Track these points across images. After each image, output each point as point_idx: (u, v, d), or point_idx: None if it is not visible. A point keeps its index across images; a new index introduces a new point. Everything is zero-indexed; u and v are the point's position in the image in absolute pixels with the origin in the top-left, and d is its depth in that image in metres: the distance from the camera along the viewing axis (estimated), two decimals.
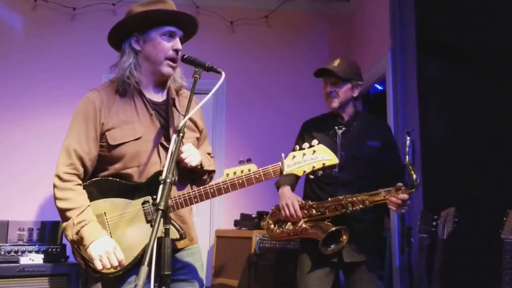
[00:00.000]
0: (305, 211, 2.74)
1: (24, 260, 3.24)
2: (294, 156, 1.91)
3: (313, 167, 1.90)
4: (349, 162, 2.77)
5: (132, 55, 2.04)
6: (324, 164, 1.90)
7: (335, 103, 2.83)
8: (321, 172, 1.93)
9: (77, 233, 1.89)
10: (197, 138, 2.20)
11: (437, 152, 3.41)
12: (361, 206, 2.62)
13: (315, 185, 2.86)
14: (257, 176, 1.90)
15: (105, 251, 1.85)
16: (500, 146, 3.09)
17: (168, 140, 2.00)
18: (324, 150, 1.92)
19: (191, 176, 2.13)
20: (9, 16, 4.57)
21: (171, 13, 2.04)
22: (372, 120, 3.02)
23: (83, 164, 1.99)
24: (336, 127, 2.86)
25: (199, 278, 2.10)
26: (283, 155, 1.92)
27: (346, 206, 2.64)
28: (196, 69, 1.93)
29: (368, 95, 5.11)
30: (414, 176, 2.51)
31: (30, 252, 3.32)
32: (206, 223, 4.50)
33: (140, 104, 2.04)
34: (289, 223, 2.78)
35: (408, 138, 2.59)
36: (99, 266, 1.85)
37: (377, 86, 4.92)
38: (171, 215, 1.96)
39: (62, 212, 1.94)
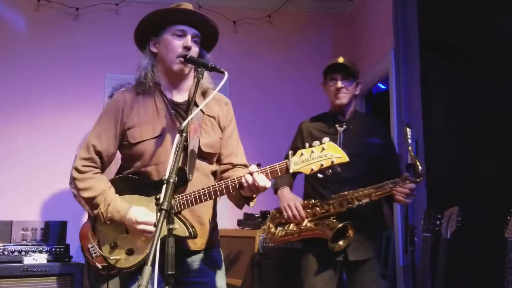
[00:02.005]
0: (308, 210, 2.73)
1: (28, 260, 3.25)
2: (302, 154, 1.84)
3: (321, 165, 1.81)
4: (352, 159, 2.75)
5: (149, 57, 2.10)
6: (333, 162, 1.81)
7: (345, 99, 2.83)
8: (330, 171, 1.84)
9: (109, 220, 1.97)
10: (220, 139, 2.17)
11: (441, 151, 3.41)
12: (367, 200, 2.62)
13: (317, 183, 2.83)
14: (264, 174, 1.88)
15: (138, 220, 1.92)
16: (504, 145, 3.08)
17: (187, 139, 2.00)
18: (333, 147, 1.83)
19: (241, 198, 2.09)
20: (12, 16, 4.58)
21: (178, 12, 2.06)
22: (371, 119, 3.06)
23: (101, 160, 2.07)
24: (337, 125, 2.86)
25: (217, 283, 2.07)
26: (290, 152, 1.85)
27: (352, 201, 2.64)
28: (199, 69, 1.94)
29: (371, 94, 5.10)
30: (420, 167, 2.54)
31: (33, 252, 3.32)
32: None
33: (161, 104, 2.07)
34: (292, 224, 2.75)
35: (409, 130, 2.62)
36: (144, 227, 1.91)
37: (380, 85, 4.91)
38: (187, 213, 1.97)
39: (90, 201, 2.01)
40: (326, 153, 1.82)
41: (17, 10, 4.61)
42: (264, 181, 1.85)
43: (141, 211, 1.93)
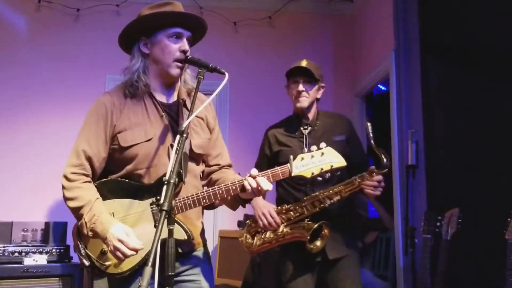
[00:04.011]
0: (283, 216, 2.76)
1: (28, 261, 3.24)
2: (302, 158, 1.93)
3: (321, 169, 1.92)
4: None
5: (141, 59, 2.07)
6: (332, 166, 1.92)
7: (306, 102, 2.88)
8: (329, 174, 1.96)
9: (91, 231, 1.92)
10: (209, 139, 2.19)
11: (441, 152, 3.41)
12: (338, 197, 2.67)
13: (290, 187, 2.87)
14: (265, 177, 1.91)
15: (118, 237, 1.86)
16: (504, 147, 3.08)
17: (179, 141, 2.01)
18: (332, 152, 1.94)
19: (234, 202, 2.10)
20: (13, 17, 4.59)
21: (175, 15, 2.05)
22: (333, 116, 3.06)
23: (92, 165, 2.02)
24: (301, 128, 2.90)
25: (207, 280, 2.08)
26: (291, 157, 1.93)
27: (324, 200, 2.67)
28: (200, 70, 1.94)
29: (371, 96, 5.10)
30: (385, 159, 2.58)
31: (34, 253, 3.32)
32: (210, 223, 4.51)
33: (151, 106, 2.07)
34: (268, 232, 2.77)
35: (369, 124, 2.69)
36: (128, 252, 1.85)
37: (381, 86, 4.92)
38: (180, 217, 1.97)
39: (75, 211, 1.98)
40: (326, 158, 1.93)
41: (17, 10, 4.61)
42: (267, 184, 1.91)
43: (125, 231, 1.89)
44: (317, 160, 1.92)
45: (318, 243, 2.67)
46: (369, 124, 2.70)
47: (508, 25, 3.05)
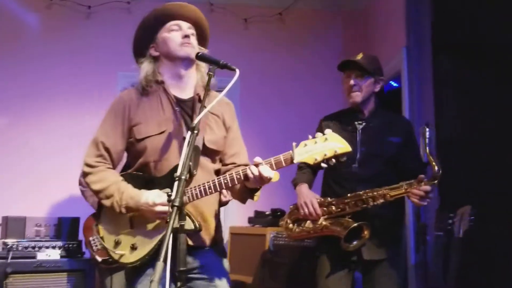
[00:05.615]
0: (325, 208, 2.72)
1: (41, 255, 3.29)
2: (305, 145, 1.86)
3: (325, 154, 1.83)
4: (369, 158, 2.75)
5: (149, 61, 2.15)
6: (336, 151, 1.83)
7: (358, 97, 2.78)
8: (334, 161, 1.85)
9: (125, 207, 1.97)
10: (224, 137, 2.19)
11: (453, 149, 3.39)
12: (382, 200, 2.59)
13: (333, 181, 2.82)
14: (268, 165, 1.90)
15: (155, 202, 1.91)
16: None
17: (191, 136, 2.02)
18: (336, 138, 1.86)
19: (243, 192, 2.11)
20: (24, 14, 4.62)
21: (166, 10, 2.12)
22: (393, 116, 2.98)
23: (110, 156, 2.09)
24: (356, 123, 2.83)
25: (221, 279, 2.08)
26: (294, 144, 1.87)
27: (367, 201, 2.61)
28: (210, 67, 1.95)
29: (382, 92, 5.08)
30: (436, 168, 2.49)
31: (47, 247, 3.36)
32: (220, 220, 4.52)
33: (166, 100, 2.11)
34: (308, 221, 2.75)
35: (428, 129, 2.58)
36: (162, 209, 1.90)
37: (392, 83, 4.89)
38: (193, 211, 1.98)
39: (101, 192, 2.02)
40: (329, 144, 1.84)
41: (29, 8, 4.63)
42: (269, 172, 1.88)
43: (154, 194, 1.94)
44: (320, 146, 1.84)
45: (355, 242, 2.62)
46: (427, 129, 2.60)
47: None
